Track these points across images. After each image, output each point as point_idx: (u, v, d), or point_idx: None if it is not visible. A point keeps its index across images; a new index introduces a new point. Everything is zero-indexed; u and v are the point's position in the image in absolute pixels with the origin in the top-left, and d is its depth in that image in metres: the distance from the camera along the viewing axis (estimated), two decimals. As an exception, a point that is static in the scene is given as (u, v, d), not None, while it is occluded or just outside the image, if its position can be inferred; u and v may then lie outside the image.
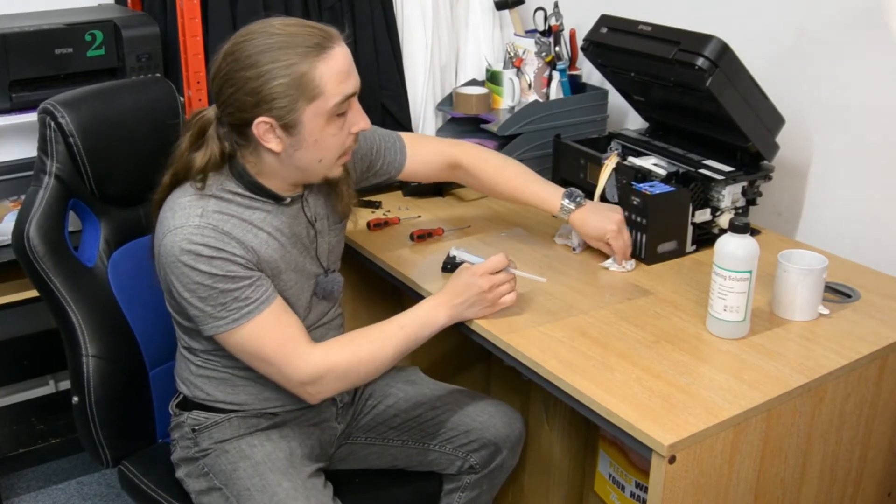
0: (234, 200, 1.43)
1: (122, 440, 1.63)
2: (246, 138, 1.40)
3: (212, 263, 1.36)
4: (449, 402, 1.70)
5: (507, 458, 1.69)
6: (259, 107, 1.34)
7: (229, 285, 1.37)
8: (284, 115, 1.35)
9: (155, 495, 1.59)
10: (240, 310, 1.39)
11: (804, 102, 1.89)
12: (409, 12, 2.30)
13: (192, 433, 1.55)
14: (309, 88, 1.34)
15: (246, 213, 1.43)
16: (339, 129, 1.41)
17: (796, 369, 1.40)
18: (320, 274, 1.56)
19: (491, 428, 1.66)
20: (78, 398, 1.56)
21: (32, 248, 1.49)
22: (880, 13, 1.73)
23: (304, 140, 1.39)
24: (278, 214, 1.47)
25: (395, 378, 1.74)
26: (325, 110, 1.37)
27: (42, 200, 1.52)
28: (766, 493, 1.41)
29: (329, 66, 1.35)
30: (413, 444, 1.69)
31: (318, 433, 1.60)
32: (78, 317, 1.54)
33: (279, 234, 1.47)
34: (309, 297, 1.55)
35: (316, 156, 1.42)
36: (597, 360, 1.43)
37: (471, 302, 1.48)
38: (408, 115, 2.34)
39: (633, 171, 1.80)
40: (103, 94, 1.64)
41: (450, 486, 1.71)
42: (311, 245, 1.54)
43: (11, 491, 2.36)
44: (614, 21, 1.91)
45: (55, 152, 1.53)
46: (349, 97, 1.40)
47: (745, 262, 1.44)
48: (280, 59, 1.33)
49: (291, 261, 1.49)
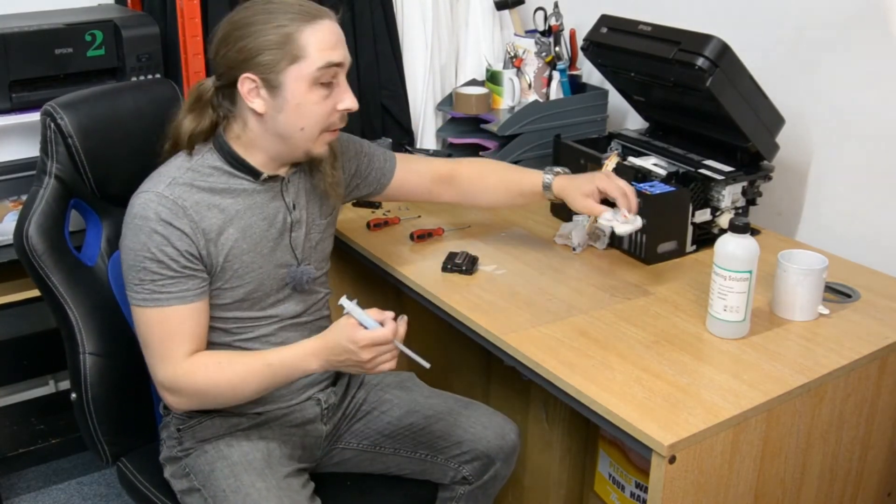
0: (211, 174, 1.46)
1: (120, 437, 1.64)
2: (234, 103, 1.45)
3: (152, 238, 1.39)
4: (442, 411, 1.68)
5: (500, 469, 1.67)
6: (246, 62, 1.39)
7: (153, 268, 1.40)
8: (267, 72, 1.39)
9: (150, 494, 1.59)
10: (151, 293, 1.41)
11: (804, 102, 1.89)
12: (409, 12, 2.30)
13: (177, 433, 1.55)
14: (293, 49, 1.38)
15: (219, 188, 1.46)
16: (322, 98, 1.42)
17: (796, 369, 1.40)
18: (293, 264, 1.55)
19: (483, 440, 1.64)
20: (76, 395, 1.57)
21: (32, 246, 1.51)
22: (880, 13, 1.73)
23: (287, 102, 1.41)
24: (254, 194, 1.48)
25: (389, 384, 1.72)
26: (308, 74, 1.40)
27: (42, 200, 1.54)
28: (766, 494, 1.41)
29: (315, 32, 1.40)
30: (405, 453, 1.67)
31: (302, 434, 1.60)
32: (76, 314, 1.55)
33: (249, 213, 1.48)
34: (278, 287, 1.54)
35: (298, 122, 1.43)
36: (597, 360, 1.43)
37: (347, 365, 1.42)
38: (408, 115, 2.34)
39: (633, 171, 1.80)
40: (105, 95, 1.64)
41: (444, 494, 1.70)
42: (286, 232, 1.53)
43: (11, 491, 2.36)
44: (614, 21, 1.91)
45: (55, 153, 1.55)
46: (333, 66, 1.41)
47: (745, 262, 1.44)
48: (270, 21, 1.39)
49: (258, 245, 1.49)
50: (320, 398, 1.62)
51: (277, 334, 1.55)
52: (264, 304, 1.53)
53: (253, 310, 1.52)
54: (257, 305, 1.52)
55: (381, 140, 2.25)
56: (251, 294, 1.50)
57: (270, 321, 1.54)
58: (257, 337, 1.53)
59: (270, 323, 1.54)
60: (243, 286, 1.49)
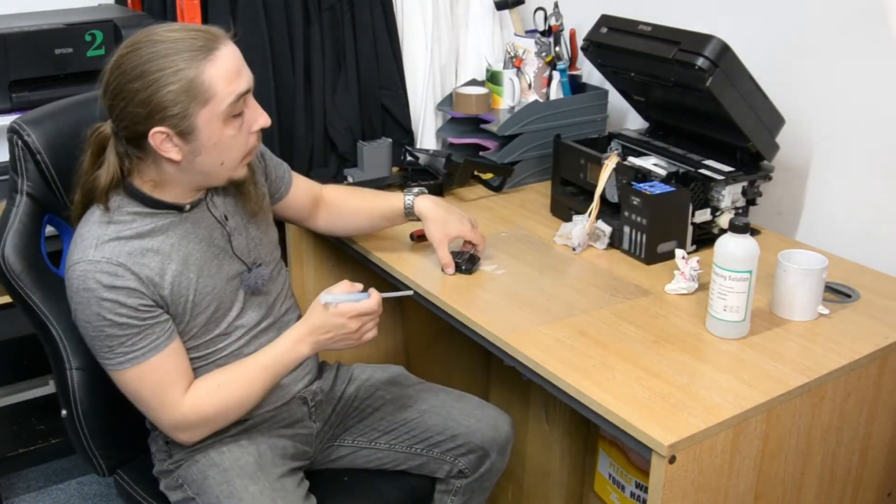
0: (133, 221, 1.41)
1: (115, 449, 1.63)
2: (144, 150, 1.37)
3: (102, 306, 1.35)
4: (435, 404, 1.69)
5: (496, 461, 1.68)
6: (152, 117, 1.32)
7: (115, 332, 1.36)
8: (179, 122, 1.32)
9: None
10: (124, 355, 1.38)
11: (804, 102, 1.89)
12: (409, 12, 2.30)
13: (165, 446, 1.55)
14: (199, 92, 1.31)
15: (146, 232, 1.41)
16: (237, 129, 1.38)
17: (796, 369, 1.40)
18: (244, 271, 1.53)
19: (477, 432, 1.65)
20: (66, 411, 1.55)
21: (9, 266, 1.48)
22: (880, 13, 1.73)
23: (203, 145, 1.36)
24: (182, 223, 1.45)
25: (380, 379, 1.73)
26: (220, 112, 1.34)
27: (16, 219, 1.50)
28: (766, 494, 1.41)
29: (217, 67, 1.33)
30: (400, 448, 1.68)
31: (291, 433, 1.59)
32: (59, 330, 1.52)
33: (184, 242, 1.44)
34: (239, 298, 1.52)
35: (217, 159, 1.39)
36: (597, 360, 1.43)
37: (336, 339, 1.45)
38: (408, 115, 2.34)
39: (633, 171, 1.80)
40: (71, 108, 1.60)
41: (441, 487, 1.71)
42: (227, 245, 1.51)
43: (11, 491, 2.36)
44: (614, 21, 1.91)
45: (25, 171, 1.51)
46: (242, 95, 1.36)
47: (745, 262, 1.44)
48: (167, 67, 1.30)
49: (203, 268, 1.46)
50: (306, 396, 1.62)
51: (250, 344, 1.54)
52: (228, 319, 1.51)
53: (219, 328, 1.50)
54: (222, 322, 1.50)
55: (381, 140, 2.25)
56: (213, 315, 1.48)
57: (237, 334, 1.52)
58: (231, 353, 1.52)
59: (238, 337, 1.52)
60: (204, 312, 1.47)
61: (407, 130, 2.35)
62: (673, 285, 1.65)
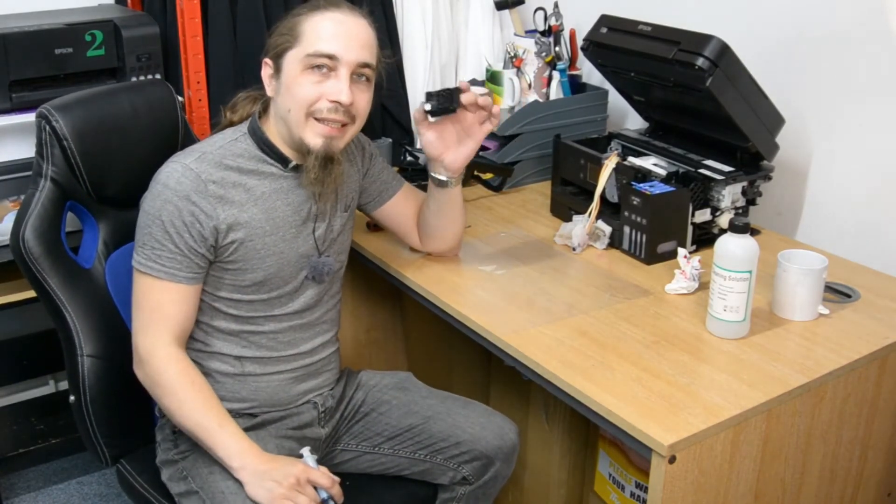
0: (241, 155, 1.50)
1: (119, 439, 1.64)
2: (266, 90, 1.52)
3: (166, 207, 1.42)
4: (441, 411, 1.67)
5: (500, 469, 1.66)
6: (268, 51, 1.49)
7: (157, 235, 1.43)
8: (276, 56, 1.47)
9: (149, 496, 1.58)
10: (148, 259, 1.44)
11: (804, 102, 1.89)
12: (409, 12, 2.30)
13: (172, 435, 1.56)
14: (295, 33, 1.45)
15: (247, 169, 1.49)
16: (312, 83, 1.44)
17: (796, 369, 1.40)
18: (314, 255, 1.56)
19: (482, 440, 1.63)
20: (74, 397, 1.57)
21: (28, 249, 1.51)
22: (880, 13, 1.73)
23: (283, 84, 1.46)
24: (281, 179, 1.51)
25: (387, 385, 1.72)
26: (301, 57, 1.44)
27: (38, 203, 1.53)
28: (766, 494, 1.41)
29: (318, 21, 1.45)
30: (405, 453, 1.67)
31: (300, 436, 1.60)
32: (73, 317, 1.54)
33: (275, 196, 1.50)
34: (299, 278, 1.55)
35: (287, 103, 1.46)
36: (597, 360, 1.43)
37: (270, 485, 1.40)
38: (408, 115, 2.34)
39: (633, 171, 1.80)
40: (100, 96, 1.64)
41: (444, 495, 1.70)
42: (309, 221, 1.55)
43: (11, 491, 2.36)
44: (614, 21, 1.91)
45: (50, 156, 1.54)
46: (323, 56, 1.43)
47: (745, 262, 1.44)
48: (296, 14, 1.48)
49: (280, 228, 1.51)
50: (317, 401, 1.62)
51: (286, 332, 1.56)
52: (281, 294, 1.53)
53: (270, 298, 1.52)
54: (274, 292, 1.52)
55: (381, 140, 2.25)
56: (270, 278, 1.51)
57: (283, 317, 1.54)
58: (266, 332, 1.54)
59: (282, 319, 1.55)
60: (262, 269, 1.50)
61: (407, 130, 2.35)
62: (673, 285, 1.65)
